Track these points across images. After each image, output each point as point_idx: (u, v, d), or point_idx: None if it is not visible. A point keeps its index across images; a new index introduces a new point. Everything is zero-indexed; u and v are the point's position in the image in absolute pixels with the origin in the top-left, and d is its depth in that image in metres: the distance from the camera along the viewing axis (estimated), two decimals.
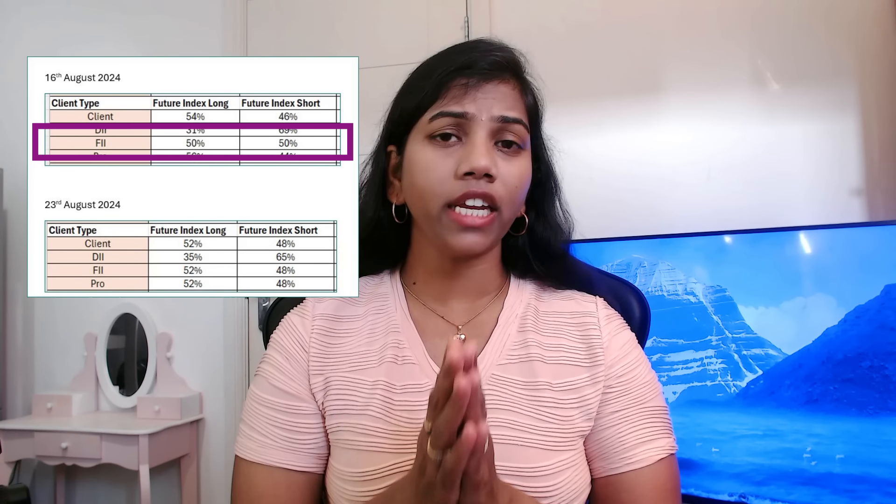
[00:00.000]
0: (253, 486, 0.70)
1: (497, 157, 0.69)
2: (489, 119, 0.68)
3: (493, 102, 0.69)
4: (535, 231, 0.78)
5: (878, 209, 1.85)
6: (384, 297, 0.78)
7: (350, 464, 0.68)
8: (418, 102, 0.71)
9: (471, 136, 0.68)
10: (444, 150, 0.68)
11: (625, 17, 2.07)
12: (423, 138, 0.70)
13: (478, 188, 0.67)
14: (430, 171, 0.68)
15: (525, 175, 0.71)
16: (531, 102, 0.74)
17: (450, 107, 0.68)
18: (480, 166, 0.66)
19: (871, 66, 1.87)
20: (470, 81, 0.69)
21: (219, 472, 2.41)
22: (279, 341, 0.76)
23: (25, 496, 1.69)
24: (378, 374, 0.71)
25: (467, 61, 0.70)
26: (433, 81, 0.70)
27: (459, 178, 0.67)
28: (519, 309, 0.76)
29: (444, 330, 0.75)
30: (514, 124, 0.69)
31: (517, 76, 0.73)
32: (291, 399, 0.72)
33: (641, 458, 0.70)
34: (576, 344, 0.74)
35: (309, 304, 0.77)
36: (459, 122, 0.68)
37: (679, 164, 2.00)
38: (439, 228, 0.69)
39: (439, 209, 0.68)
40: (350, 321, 0.76)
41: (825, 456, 1.40)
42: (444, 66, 0.70)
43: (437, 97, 0.69)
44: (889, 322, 1.36)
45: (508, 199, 0.69)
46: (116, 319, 2.50)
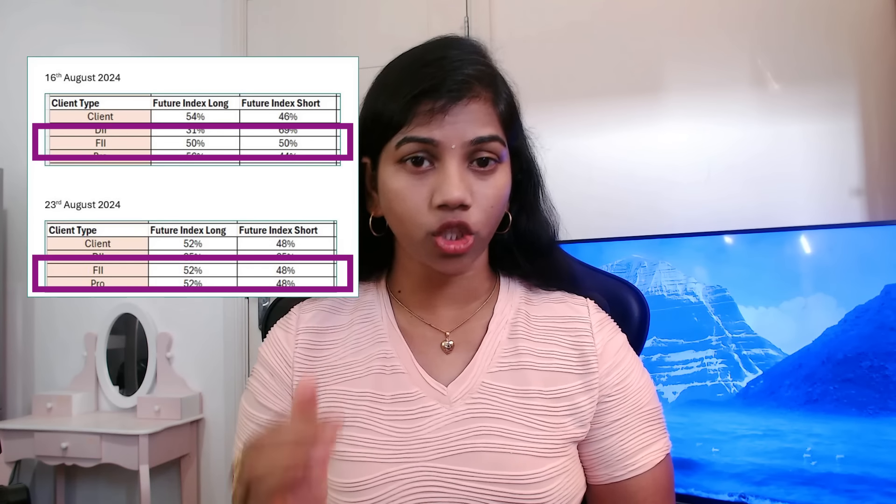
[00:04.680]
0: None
1: (472, 180, 0.66)
2: (461, 145, 0.65)
3: (464, 126, 0.65)
4: (520, 226, 0.76)
5: (878, 209, 1.85)
6: (370, 306, 0.76)
7: (340, 474, 0.68)
8: (385, 124, 0.67)
9: (443, 163, 0.65)
10: (416, 178, 0.66)
11: (625, 17, 2.07)
12: (393, 162, 0.67)
13: (453, 219, 0.65)
14: (406, 200, 0.66)
15: (502, 190, 0.68)
16: (504, 110, 0.70)
17: (416, 132, 0.65)
18: (453, 199, 0.63)
19: (871, 66, 1.87)
20: (436, 105, 0.64)
21: (219, 472, 2.41)
22: (265, 357, 0.76)
23: (25, 496, 1.69)
24: (365, 385, 0.71)
25: (434, 83, 0.65)
26: (399, 105, 0.66)
27: (435, 209, 0.65)
28: (509, 314, 0.75)
29: (431, 337, 0.74)
30: (489, 143, 0.66)
31: (487, 87, 0.68)
32: (275, 416, 0.72)
33: (643, 463, 0.70)
34: (568, 350, 0.73)
35: (293, 317, 0.76)
36: (428, 148, 0.65)
37: (679, 164, 2.00)
38: (424, 254, 0.68)
39: (422, 237, 0.66)
40: (335, 332, 0.75)
41: (825, 456, 1.40)
42: (410, 84, 0.66)
43: (404, 122, 0.66)
44: (889, 322, 1.36)
45: (485, 221, 0.67)
46: (116, 319, 2.50)
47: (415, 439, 0.68)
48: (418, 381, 0.71)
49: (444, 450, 0.67)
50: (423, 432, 0.68)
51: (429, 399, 0.70)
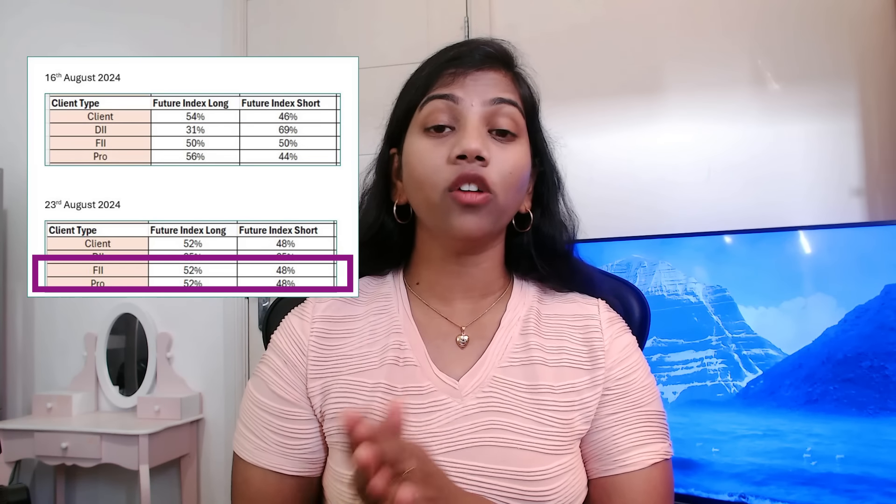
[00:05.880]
0: (249, 485, 0.71)
1: (491, 144, 0.69)
2: (481, 104, 0.69)
3: (484, 88, 0.70)
4: (541, 228, 0.77)
5: (878, 209, 1.85)
6: (386, 298, 0.77)
7: (350, 467, 0.68)
8: (411, 98, 0.72)
9: (462, 123, 0.68)
10: (438, 140, 0.69)
11: (625, 17, 2.07)
12: (418, 132, 0.71)
13: (471, 171, 0.66)
14: (425, 160, 0.69)
15: (521, 163, 0.70)
16: (526, 93, 0.74)
17: (438, 90, 0.70)
18: (472, 148, 0.66)
19: (871, 66, 1.87)
20: (458, 70, 0.70)
21: (219, 472, 2.41)
22: (278, 344, 0.75)
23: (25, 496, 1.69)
24: (379, 376, 0.71)
25: (457, 54, 0.71)
26: (424, 76, 0.72)
27: (452, 163, 0.67)
28: (522, 311, 0.76)
29: (446, 331, 0.75)
30: (508, 105, 0.70)
31: (509, 67, 0.74)
32: (287, 405, 0.72)
33: (635, 461, 0.69)
34: (578, 346, 0.73)
35: (309, 305, 0.76)
36: (450, 108, 0.69)
37: (679, 164, 2.00)
38: (441, 213, 0.69)
39: (440, 195, 0.68)
40: (350, 322, 0.75)
41: (825, 456, 1.40)
42: (435, 61, 0.72)
43: (428, 87, 0.71)
44: (889, 322, 1.36)
45: (502, 184, 0.68)
46: (116, 319, 2.50)
47: (424, 433, 0.68)
48: (430, 376, 0.71)
49: (452, 444, 0.67)
50: (433, 426, 0.68)
51: (440, 393, 0.70)
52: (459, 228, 0.68)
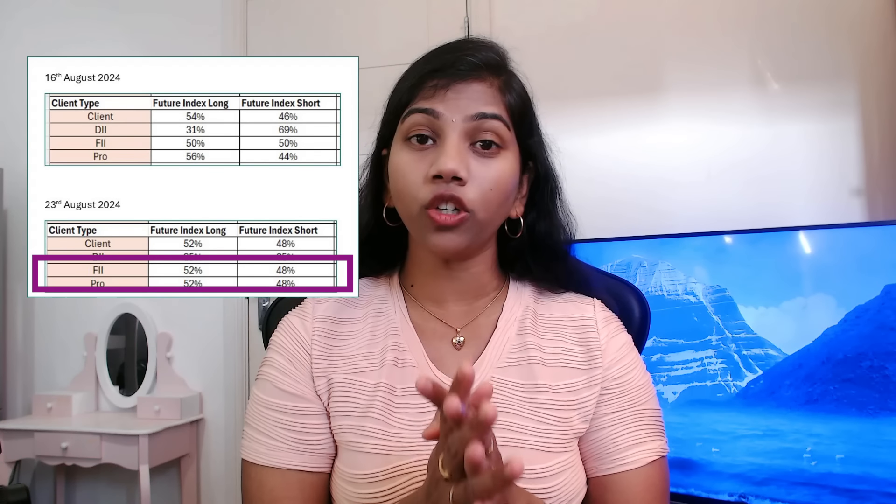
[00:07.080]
0: (265, 489, 0.70)
1: (472, 159, 0.67)
2: (462, 119, 0.67)
3: (466, 102, 0.68)
4: (537, 231, 0.77)
5: (878, 209, 1.85)
6: (383, 300, 0.77)
7: (353, 465, 0.68)
8: (396, 104, 0.71)
9: (442, 139, 0.67)
10: (419, 154, 0.68)
11: (624, 17, 2.07)
12: (401, 141, 0.70)
13: (447, 191, 0.65)
14: (406, 174, 0.68)
15: (504, 177, 0.69)
16: (514, 101, 0.71)
17: (419, 104, 0.68)
18: (447, 169, 0.65)
19: (871, 66, 1.87)
20: (440, 82, 0.68)
21: (219, 472, 2.41)
22: (280, 343, 0.75)
23: (25, 496, 1.69)
24: (379, 377, 0.71)
25: (442, 63, 0.69)
26: (406, 88, 0.70)
27: (430, 182, 0.66)
28: (518, 312, 0.76)
29: (442, 333, 0.75)
30: (491, 120, 0.68)
31: (497, 74, 0.71)
32: (298, 400, 0.71)
33: (633, 459, 0.70)
34: (574, 346, 0.74)
35: (309, 305, 0.76)
36: (431, 122, 0.68)
37: (679, 164, 2.00)
38: (420, 228, 0.69)
39: (417, 212, 0.67)
40: (350, 323, 0.75)
41: (825, 456, 1.40)
42: (421, 68, 0.71)
43: (411, 99, 0.69)
44: (889, 322, 1.36)
45: (482, 201, 0.67)
46: (116, 319, 2.50)
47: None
48: (428, 376, 0.70)
49: None
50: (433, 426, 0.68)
51: None
52: (435, 246, 0.68)
